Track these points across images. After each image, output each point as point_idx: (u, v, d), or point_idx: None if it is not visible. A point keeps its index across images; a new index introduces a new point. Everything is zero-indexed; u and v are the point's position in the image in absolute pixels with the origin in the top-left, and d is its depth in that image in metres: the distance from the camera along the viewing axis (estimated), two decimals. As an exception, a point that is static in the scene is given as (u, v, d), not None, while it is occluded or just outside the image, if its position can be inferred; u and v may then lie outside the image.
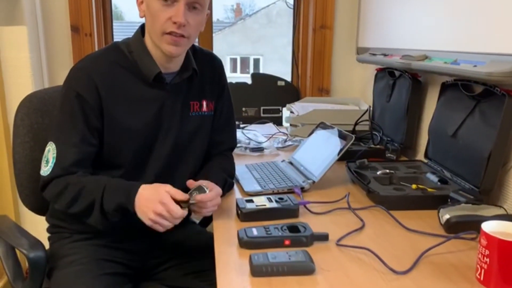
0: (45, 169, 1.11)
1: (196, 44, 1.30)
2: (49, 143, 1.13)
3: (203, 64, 1.25)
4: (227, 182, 1.27)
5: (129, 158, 1.16)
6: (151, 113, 1.17)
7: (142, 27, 1.19)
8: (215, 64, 1.31)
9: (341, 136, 1.40)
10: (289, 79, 2.44)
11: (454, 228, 1.02)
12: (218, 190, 1.12)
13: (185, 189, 1.10)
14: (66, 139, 1.11)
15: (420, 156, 1.57)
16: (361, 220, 1.10)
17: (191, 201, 1.06)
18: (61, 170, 1.10)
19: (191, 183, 1.13)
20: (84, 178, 1.10)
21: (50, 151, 1.11)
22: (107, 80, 1.12)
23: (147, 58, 1.15)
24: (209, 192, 1.08)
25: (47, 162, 1.11)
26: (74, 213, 1.09)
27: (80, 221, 1.17)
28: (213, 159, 1.32)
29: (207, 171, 1.26)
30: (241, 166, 1.50)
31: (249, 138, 1.85)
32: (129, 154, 1.16)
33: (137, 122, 1.15)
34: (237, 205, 1.13)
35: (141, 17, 1.15)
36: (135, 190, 1.05)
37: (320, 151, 1.43)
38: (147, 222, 1.03)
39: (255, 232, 0.97)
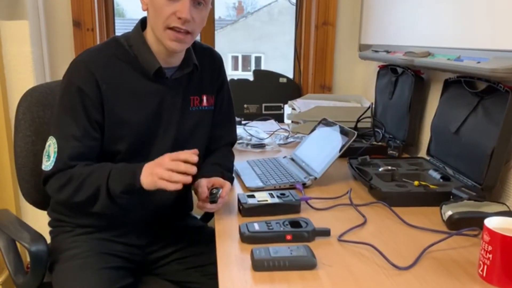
0: (47, 164, 1.11)
1: (198, 41, 1.30)
2: (50, 137, 1.12)
3: (202, 59, 1.25)
4: (224, 177, 1.26)
5: (130, 153, 1.16)
6: (151, 108, 1.16)
7: (142, 22, 1.19)
8: (215, 59, 1.31)
9: (343, 132, 1.39)
10: (290, 77, 2.44)
11: (457, 224, 1.02)
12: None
13: (185, 185, 1.10)
14: (67, 133, 1.10)
15: (422, 153, 1.57)
16: (363, 216, 1.10)
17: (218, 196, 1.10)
18: (63, 164, 1.09)
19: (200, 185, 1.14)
20: (88, 167, 1.09)
21: (51, 146, 1.11)
22: (107, 73, 1.11)
23: (147, 53, 1.15)
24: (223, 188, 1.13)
25: (49, 156, 1.11)
26: (78, 202, 1.08)
27: (82, 215, 1.18)
28: (211, 155, 1.32)
29: (204, 168, 1.25)
30: (243, 162, 1.50)
31: (251, 135, 1.84)
32: (129, 149, 1.15)
33: (137, 116, 1.14)
34: (238, 200, 1.13)
35: (144, 10, 1.14)
36: (140, 169, 1.04)
37: (322, 148, 1.42)
38: (158, 183, 1.00)
39: (257, 227, 0.97)
